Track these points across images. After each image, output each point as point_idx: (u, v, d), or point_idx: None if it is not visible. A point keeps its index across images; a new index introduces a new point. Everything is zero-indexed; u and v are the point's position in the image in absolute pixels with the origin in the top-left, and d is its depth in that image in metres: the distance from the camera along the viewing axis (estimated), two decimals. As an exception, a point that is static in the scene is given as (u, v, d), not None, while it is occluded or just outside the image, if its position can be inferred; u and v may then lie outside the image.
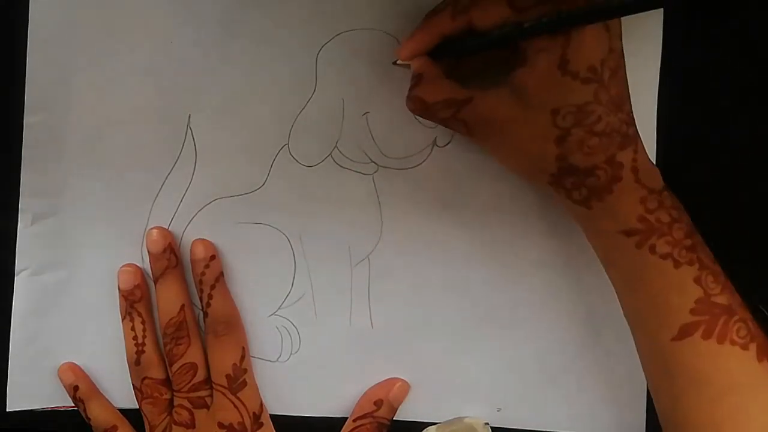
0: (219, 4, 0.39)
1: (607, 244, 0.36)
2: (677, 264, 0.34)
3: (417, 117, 0.39)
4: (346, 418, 0.41)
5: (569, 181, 0.35)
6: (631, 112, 0.35)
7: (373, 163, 0.40)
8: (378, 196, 0.41)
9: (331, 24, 0.39)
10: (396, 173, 0.41)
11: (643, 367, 0.37)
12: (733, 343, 0.33)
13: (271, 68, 0.40)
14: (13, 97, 0.40)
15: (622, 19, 0.34)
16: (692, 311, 0.34)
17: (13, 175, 0.40)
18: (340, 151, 0.40)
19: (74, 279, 0.41)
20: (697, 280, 0.34)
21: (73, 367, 0.41)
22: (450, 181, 0.40)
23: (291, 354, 0.41)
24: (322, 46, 0.40)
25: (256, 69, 0.40)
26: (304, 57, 0.40)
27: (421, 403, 0.41)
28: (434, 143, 0.40)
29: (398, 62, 0.37)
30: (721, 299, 0.34)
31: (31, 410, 0.42)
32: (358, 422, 0.41)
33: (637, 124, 0.37)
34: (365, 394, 0.41)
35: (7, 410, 0.42)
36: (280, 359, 0.41)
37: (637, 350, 0.37)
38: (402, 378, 0.41)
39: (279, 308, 0.41)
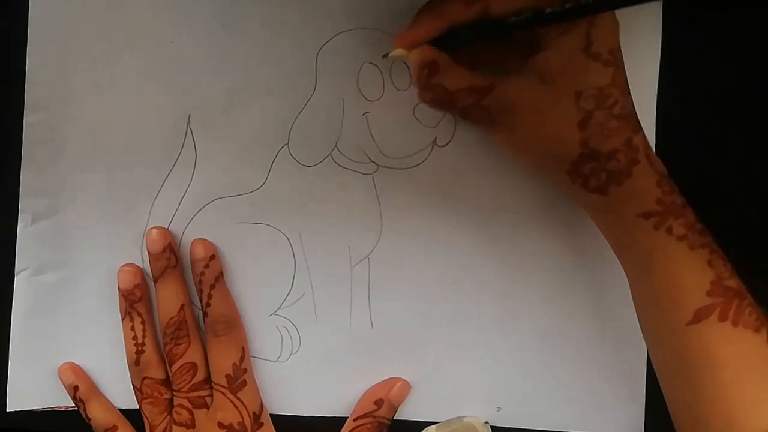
0: (219, 4, 0.39)
1: (623, 229, 0.36)
2: (692, 246, 0.34)
3: (417, 116, 0.39)
4: (346, 418, 0.41)
5: (588, 167, 0.34)
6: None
7: (372, 163, 0.40)
8: (378, 196, 0.41)
9: (331, 24, 0.39)
10: (396, 173, 0.41)
11: (653, 353, 0.37)
12: (746, 326, 0.33)
13: (271, 68, 0.40)
14: (13, 97, 0.40)
15: (620, 18, 0.34)
16: (708, 293, 0.34)
17: (13, 175, 0.40)
18: (340, 151, 0.40)
19: (74, 279, 0.41)
20: (710, 263, 0.34)
21: (73, 367, 0.41)
22: (450, 180, 0.40)
23: (291, 354, 0.41)
24: (322, 46, 0.40)
25: (256, 69, 0.40)
26: (304, 57, 0.40)
27: (421, 402, 0.41)
28: (434, 143, 0.40)
29: (392, 54, 0.35)
30: (732, 283, 0.34)
31: (31, 410, 0.42)
32: (359, 422, 0.41)
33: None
34: (366, 393, 0.41)
35: (7, 410, 0.42)
36: (280, 359, 0.41)
37: (648, 338, 0.37)
38: (402, 378, 0.41)
39: (279, 308, 0.41)
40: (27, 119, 0.40)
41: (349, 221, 0.41)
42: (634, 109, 0.35)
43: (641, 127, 0.35)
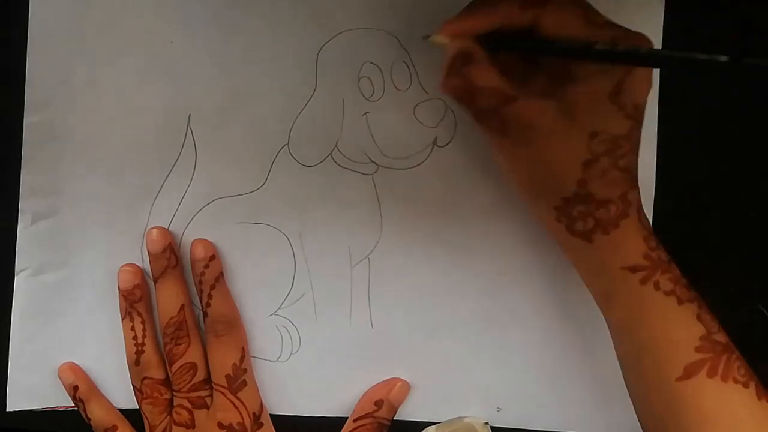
0: (219, 4, 0.39)
1: (607, 280, 0.35)
2: (680, 301, 0.34)
3: (417, 117, 0.39)
4: (346, 418, 0.41)
5: (577, 210, 0.34)
6: None
7: (373, 163, 0.40)
8: (378, 196, 0.41)
9: (331, 24, 0.39)
10: (396, 173, 0.41)
11: (640, 405, 0.36)
12: (735, 381, 0.33)
13: (271, 68, 0.40)
14: (13, 97, 0.40)
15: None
16: (697, 349, 0.33)
17: (13, 175, 0.40)
18: (340, 151, 0.40)
19: (74, 279, 0.41)
20: (699, 318, 0.34)
21: (73, 367, 0.41)
22: (450, 181, 0.40)
23: (291, 354, 0.41)
24: (322, 46, 0.40)
25: (256, 69, 0.40)
26: (304, 57, 0.40)
27: (421, 403, 0.41)
28: (434, 143, 0.40)
29: (432, 37, 0.33)
30: (720, 337, 0.34)
31: (31, 410, 0.42)
32: (359, 422, 0.41)
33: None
34: (365, 394, 0.41)
35: (7, 410, 0.42)
36: (280, 359, 0.41)
37: (634, 390, 0.36)
38: (402, 378, 0.41)
39: (279, 308, 0.41)
40: (27, 119, 0.40)
41: (349, 221, 0.41)
42: (637, 169, 0.35)
43: (638, 186, 0.35)
